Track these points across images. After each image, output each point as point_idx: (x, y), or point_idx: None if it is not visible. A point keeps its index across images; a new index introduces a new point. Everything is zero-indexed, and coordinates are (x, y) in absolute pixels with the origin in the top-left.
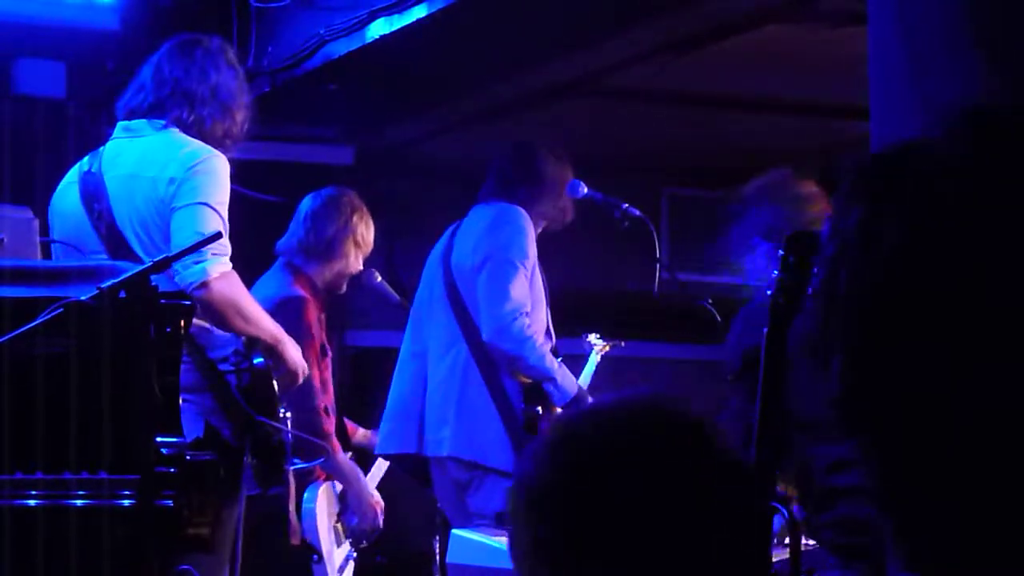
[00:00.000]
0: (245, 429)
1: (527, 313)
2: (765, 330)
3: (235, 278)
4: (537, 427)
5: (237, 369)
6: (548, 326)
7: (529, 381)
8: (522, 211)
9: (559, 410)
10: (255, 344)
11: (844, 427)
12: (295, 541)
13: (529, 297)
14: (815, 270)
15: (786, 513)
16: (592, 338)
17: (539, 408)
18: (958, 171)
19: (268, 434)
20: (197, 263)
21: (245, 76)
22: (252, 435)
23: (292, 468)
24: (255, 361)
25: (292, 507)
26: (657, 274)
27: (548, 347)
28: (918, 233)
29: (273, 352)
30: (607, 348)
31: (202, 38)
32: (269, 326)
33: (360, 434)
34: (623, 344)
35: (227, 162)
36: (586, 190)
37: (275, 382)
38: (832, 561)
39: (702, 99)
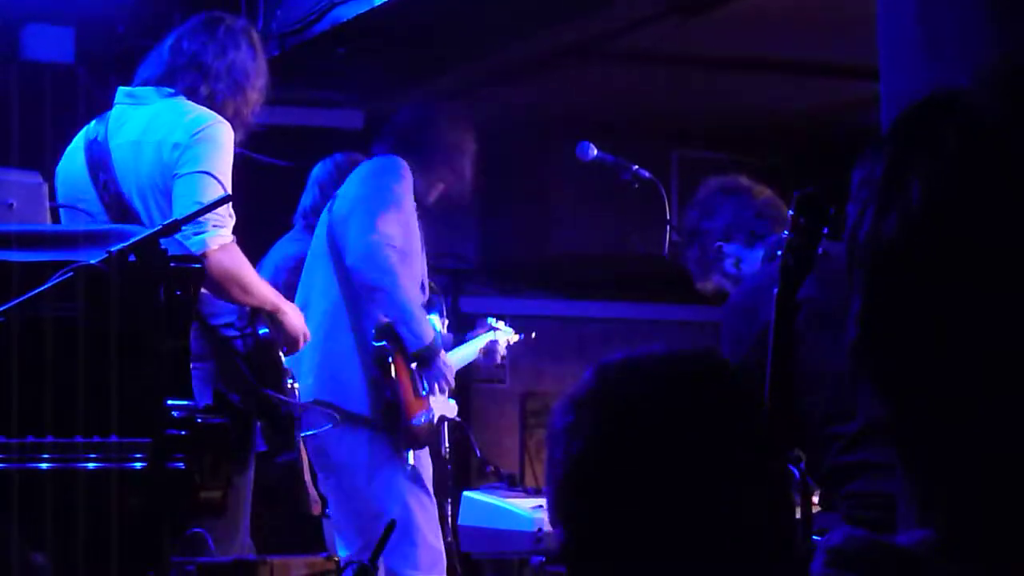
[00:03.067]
0: (252, 394)
1: (397, 249)
2: (775, 290)
3: (235, 249)
4: (386, 363)
5: (242, 335)
6: (424, 281)
7: (385, 321)
8: (401, 160)
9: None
10: (258, 314)
11: (859, 371)
12: (316, 511)
13: (401, 236)
14: (825, 230)
15: (797, 474)
16: (494, 322)
17: (387, 343)
18: (989, 121)
19: (275, 405)
20: (196, 234)
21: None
22: (259, 401)
23: (302, 435)
24: (260, 332)
25: (308, 476)
26: (667, 236)
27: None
28: (944, 180)
29: (274, 320)
30: (509, 339)
31: (226, 16)
32: (269, 295)
33: None
34: (525, 336)
35: (231, 129)
36: (596, 152)
37: (281, 352)
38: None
39: (712, 61)
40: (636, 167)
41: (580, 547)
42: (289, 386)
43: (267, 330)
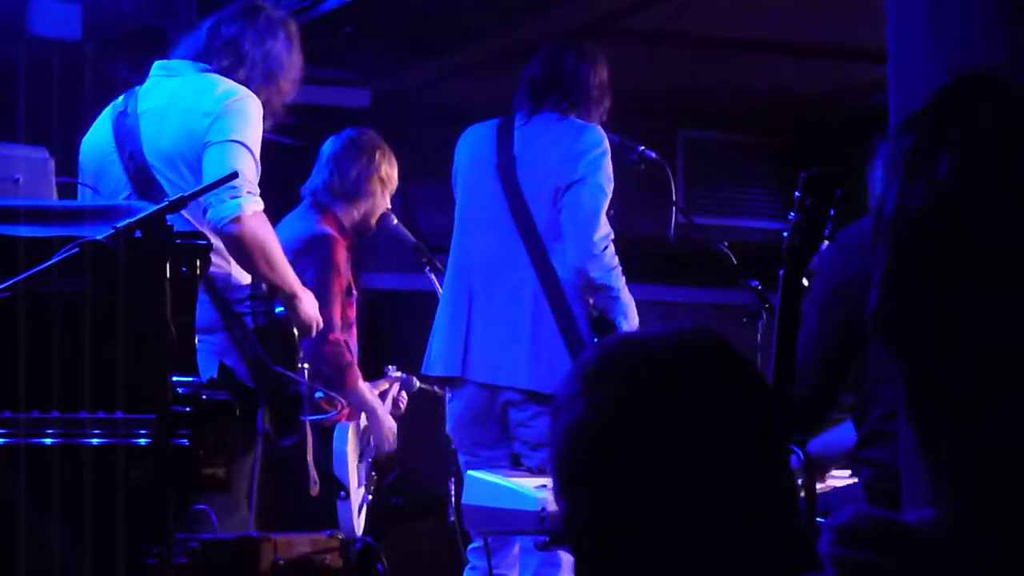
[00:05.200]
0: (259, 370)
1: (614, 241)
2: (782, 271)
3: (266, 219)
4: None
5: (253, 312)
6: None
7: (596, 311)
8: (604, 133)
9: None
10: (275, 293)
11: (878, 336)
12: (314, 492)
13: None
14: (831, 212)
15: (801, 454)
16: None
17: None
18: (1013, 105)
19: (283, 385)
20: (232, 198)
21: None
22: (266, 381)
23: (308, 420)
24: (276, 310)
25: (311, 457)
26: (673, 217)
27: None
28: (975, 155)
29: (289, 303)
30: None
31: (266, 5)
32: (290, 276)
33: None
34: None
35: (260, 104)
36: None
37: (295, 331)
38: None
39: (719, 41)
40: (642, 148)
41: (582, 521)
42: (300, 367)
43: (283, 309)
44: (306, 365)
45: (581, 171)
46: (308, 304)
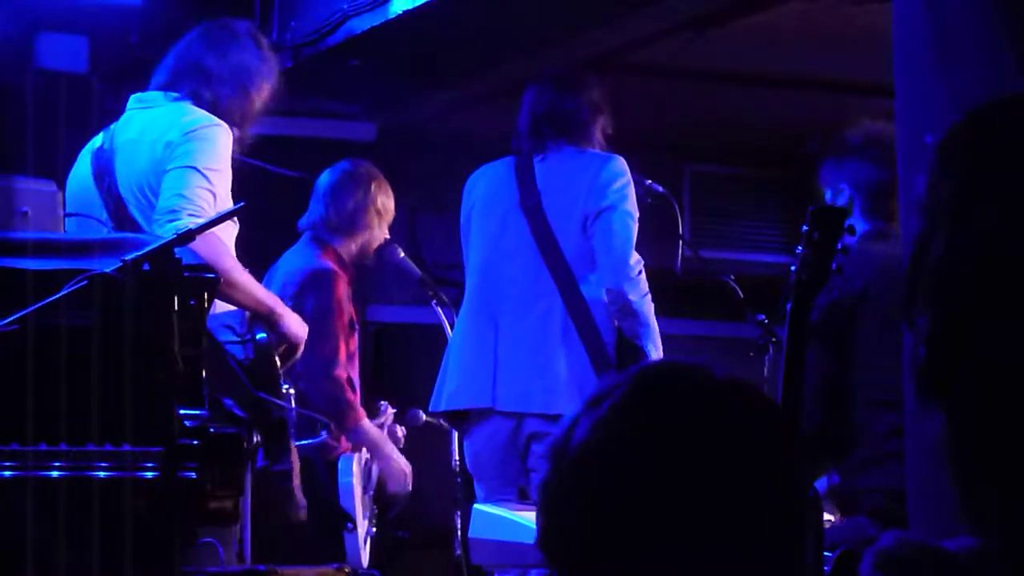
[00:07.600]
0: (247, 402)
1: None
2: (789, 305)
3: (211, 241)
4: None
5: (242, 341)
6: None
7: (625, 337)
8: (626, 164)
9: None
10: (256, 319)
11: (925, 389)
12: (302, 518)
13: None
14: (840, 246)
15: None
16: None
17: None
18: None
19: (267, 411)
20: (170, 222)
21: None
22: (253, 410)
23: (297, 444)
24: (257, 336)
25: (297, 482)
26: (680, 251)
27: None
28: (1013, 206)
29: (269, 322)
30: None
31: (229, 21)
32: (259, 294)
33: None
34: None
35: (229, 133)
36: None
37: (277, 357)
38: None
39: (726, 76)
40: (649, 181)
41: (593, 553)
42: (284, 391)
43: (264, 335)
44: (292, 390)
45: (610, 199)
46: (293, 322)
